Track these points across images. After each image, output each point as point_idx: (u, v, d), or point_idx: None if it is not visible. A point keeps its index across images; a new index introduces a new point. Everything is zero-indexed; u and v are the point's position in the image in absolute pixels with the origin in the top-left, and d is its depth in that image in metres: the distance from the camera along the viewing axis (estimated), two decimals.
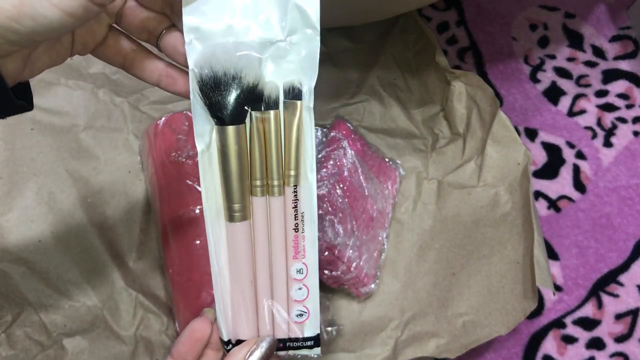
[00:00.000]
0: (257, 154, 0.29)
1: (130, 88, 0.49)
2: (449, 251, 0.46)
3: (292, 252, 0.30)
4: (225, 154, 0.29)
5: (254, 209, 0.30)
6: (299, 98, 0.29)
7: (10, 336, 0.40)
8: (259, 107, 0.29)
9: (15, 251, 0.43)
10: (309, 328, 0.31)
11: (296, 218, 0.30)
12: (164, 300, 0.45)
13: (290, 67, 0.29)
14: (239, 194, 0.29)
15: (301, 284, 0.31)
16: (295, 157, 0.29)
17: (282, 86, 0.29)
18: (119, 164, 0.47)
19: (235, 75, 0.28)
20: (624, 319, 0.48)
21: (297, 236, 0.30)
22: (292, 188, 0.30)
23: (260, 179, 0.29)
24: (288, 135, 0.29)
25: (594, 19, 0.58)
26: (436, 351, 0.42)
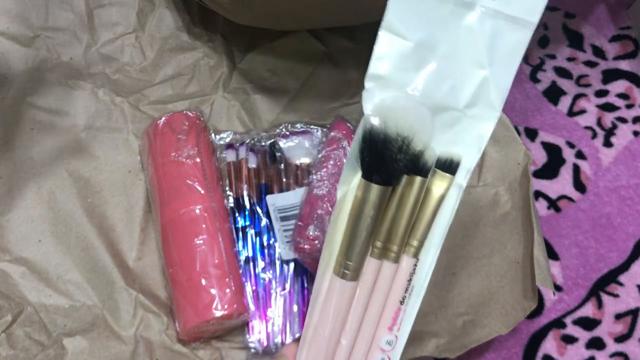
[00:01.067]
0: (389, 217, 0.27)
1: (130, 88, 0.50)
2: (449, 251, 0.46)
3: (390, 322, 0.29)
4: (360, 211, 0.27)
5: (367, 269, 0.28)
6: (452, 172, 0.27)
7: (10, 336, 0.40)
8: (410, 171, 0.27)
9: (15, 251, 0.43)
10: None
11: (406, 291, 0.28)
12: (164, 300, 0.45)
13: (454, 138, 0.27)
14: (359, 254, 0.27)
15: (385, 355, 0.29)
16: (424, 230, 0.28)
17: (440, 154, 0.27)
18: (119, 164, 0.47)
19: (406, 139, 0.26)
20: (624, 318, 0.48)
21: (400, 308, 0.28)
22: (412, 259, 0.28)
23: (382, 241, 0.28)
24: (427, 206, 0.27)
25: (594, 18, 0.58)
26: (436, 351, 0.42)
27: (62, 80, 0.48)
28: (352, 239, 0.27)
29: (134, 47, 0.50)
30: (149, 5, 0.51)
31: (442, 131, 0.27)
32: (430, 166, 0.27)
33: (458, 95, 0.27)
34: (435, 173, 0.27)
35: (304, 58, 0.52)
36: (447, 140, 0.27)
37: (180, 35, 0.51)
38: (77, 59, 0.48)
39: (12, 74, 0.47)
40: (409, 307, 0.28)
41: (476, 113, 0.27)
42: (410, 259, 0.28)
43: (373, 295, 0.28)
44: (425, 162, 0.27)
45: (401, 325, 0.29)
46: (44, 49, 0.48)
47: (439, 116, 0.27)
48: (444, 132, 0.27)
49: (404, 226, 0.28)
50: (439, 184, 0.27)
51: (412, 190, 0.27)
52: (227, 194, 0.47)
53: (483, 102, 0.27)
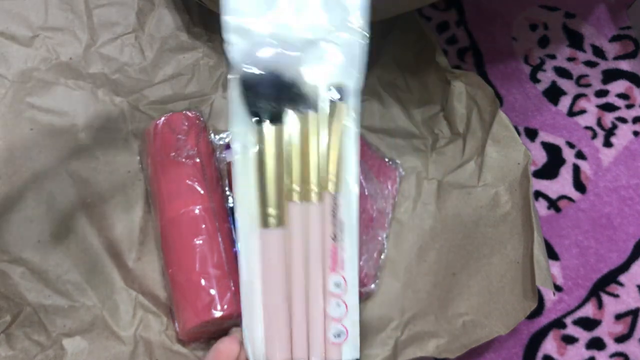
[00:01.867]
0: (296, 157, 0.27)
1: (130, 88, 0.49)
2: (449, 251, 0.46)
3: (330, 262, 0.28)
4: (262, 157, 0.27)
5: (291, 215, 0.28)
6: (342, 100, 0.28)
7: (10, 336, 0.40)
8: (300, 107, 0.27)
9: (14, 251, 0.43)
10: (347, 350, 0.28)
11: (334, 226, 0.28)
12: (164, 300, 0.45)
13: (333, 68, 0.28)
14: (275, 198, 0.27)
15: (339, 300, 0.28)
16: (337, 162, 0.28)
17: (326, 87, 0.28)
18: (119, 164, 0.47)
19: (278, 74, 0.27)
20: (624, 319, 0.48)
21: (334, 246, 0.28)
22: (332, 195, 0.28)
23: (298, 184, 0.28)
24: (329, 139, 0.28)
25: (594, 18, 0.58)
26: (436, 351, 0.42)
27: (61, 80, 0.48)
28: (263, 186, 0.27)
29: (133, 47, 0.50)
30: (149, 5, 0.51)
31: (319, 64, 0.27)
32: (318, 98, 0.27)
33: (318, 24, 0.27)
34: (327, 105, 0.28)
35: None
36: (328, 71, 0.27)
37: (180, 35, 0.51)
38: (76, 59, 0.48)
39: (12, 74, 0.47)
40: (346, 244, 0.28)
41: (344, 38, 0.27)
42: (329, 194, 0.28)
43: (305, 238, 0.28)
44: (311, 96, 0.27)
45: (344, 264, 0.28)
46: (44, 48, 0.48)
47: (308, 50, 0.27)
48: (321, 64, 0.27)
49: (315, 163, 0.28)
50: (334, 115, 0.27)
51: (311, 126, 0.27)
52: (227, 194, 0.47)
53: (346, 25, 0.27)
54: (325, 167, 0.28)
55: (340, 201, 0.28)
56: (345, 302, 0.28)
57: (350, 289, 0.28)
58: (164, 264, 0.44)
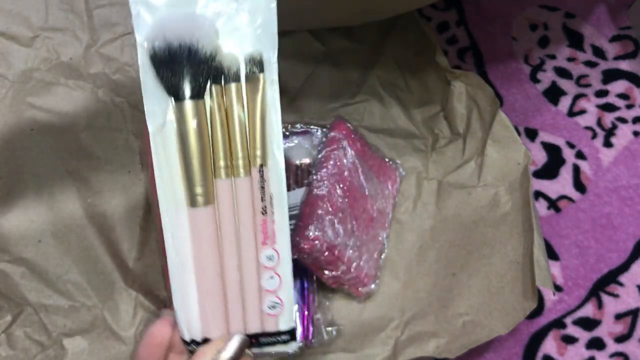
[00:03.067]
0: (219, 132, 0.27)
1: (130, 88, 0.49)
2: (449, 251, 0.46)
3: (261, 237, 0.28)
4: (183, 133, 0.27)
5: (218, 192, 0.27)
6: (260, 70, 0.27)
7: (10, 336, 0.40)
8: (219, 81, 0.27)
9: (15, 251, 0.43)
10: (283, 321, 0.29)
11: (263, 200, 0.28)
12: (164, 300, 0.45)
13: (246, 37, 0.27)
14: (201, 176, 0.27)
15: (272, 272, 0.28)
16: (261, 135, 0.27)
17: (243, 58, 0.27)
18: (119, 164, 0.47)
19: (192, 46, 0.26)
20: (624, 319, 0.48)
21: (265, 220, 0.28)
22: (259, 168, 0.27)
23: (223, 159, 0.27)
24: (252, 111, 0.27)
25: (594, 19, 0.58)
26: (436, 351, 0.42)
27: (62, 80, 0.48)
28: (187, 164, 0.27)
29: (133, 47, 0.50)
30: None
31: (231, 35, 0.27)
32: (236, 71, 0.27)
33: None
34: (248, 77, 0.27)
35: (304, 58, 0.52)
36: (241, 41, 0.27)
37: None
38: (77, 59, 0.48)
39: (12, 74, 0.47)
40: (277, 217, 0.28)
41: (252, 5, 0.27)
42: (255, 169, 0.27)
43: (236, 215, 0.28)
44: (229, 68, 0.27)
45: (276, 237, 0.28)
46: (44, 49, 0.48)
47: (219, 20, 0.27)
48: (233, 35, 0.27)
49: (239, 137, 0.27)
50: (255, 86, 0.27)
51: (231, 99, 0.27)
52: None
53: None
54: (251, 141, 0.27)
55: (268, 174, 0.28)
56: (279, 274, 0.28)
57: (283, 260, 0.28)
58: (164, 264, 0.44)
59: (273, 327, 0.29)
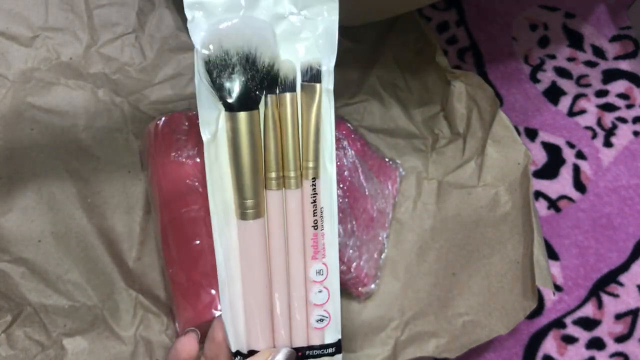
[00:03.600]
0: (272, 143, 0.26)
1: (130, 88, 0.49)
2: (449, 251, 0.46)
3: (311, 251, 0.27)
4: (236, 144, 0.25)
5: (269, 204, 0.27)
6: (317, 80, 0.26)
7: (10, 336, 0.40)
8: (274, 90, 0.26)
9: (15, 251, 0.43)
10: (329, 334, 0.28)
11: (315, 214, 0.27)
12: (164, 300, 0.45)
13: (305, 45, 0.26)
14: (252, 189, 0.26)
15: (321, 287, 0.28)
16: (314, 147, 0.26)
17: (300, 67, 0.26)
18: (119, 164, 0.47)
19: (250, 55, 0.25)
20: (624, 319, 0.48)
21: (316, 234, 0.27)
22: (311, 181, 0.26)
23: (275, 171, 0.26)
24: (306, 122, 0.26)
25: (594, 19, 0.58)
26: (436, 351, 0.42)
27: (62, 80, 0.48)
28: (239, 176, 0.26)
29: (133, 47, 0.50)
30: (149, 5, 0.51)
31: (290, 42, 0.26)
32: (293, 79, 0.26)
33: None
34: (303, 86, 0.26)
35: None
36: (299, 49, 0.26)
37: (180, 35, 0.51)
38: (76, 59, 0.48)
39: (12, 73, 0.47)
40: (327, 230, 0.27)
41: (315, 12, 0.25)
42: (307, 181, 0.27)
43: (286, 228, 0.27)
44: (285, 76, 0.26)
45: (325, 252, 0.27)
46: (44, 48, 0.48)
47: (279, 26, 0.25)
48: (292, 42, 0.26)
49: (292, 148, 0.26)
50: (310, 96, 0.26)
51: (285, 109, 0.26)
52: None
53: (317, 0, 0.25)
54: (304, 152, 0.26)
55: (320, 187, 0.27)
56: (327, 288, 0.28)
57: (332, 274, 0.28)
58: (164, 264, 0.44)
59: (319, 340, 0.28)
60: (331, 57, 0.26)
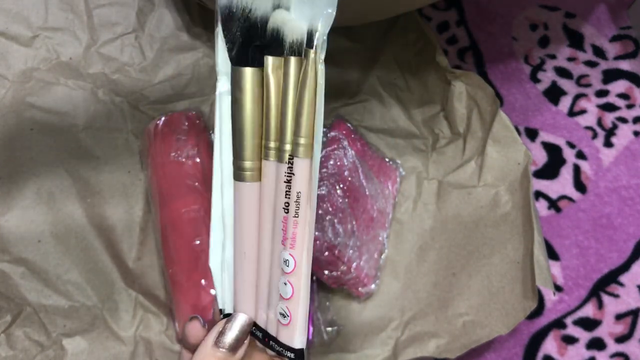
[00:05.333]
0: (274, 110, 0.24)
1: (130, 88, 0.49)
2: (449, 251, 0.46)
3: (281, 235, 0.25)
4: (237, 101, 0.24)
5: (265, 173, 0.25)
6: (315, 47, 0.23)
7: (10, 336, 0.40)
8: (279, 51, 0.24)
9: (14, 251, 0.43)
10: (295, 337, 0.26)
11: (287, 196, 0.24)
12: (164, 300, 0.45)
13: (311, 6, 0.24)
14: (251, 150, 0.25)
15: (286, 279, 0.25)
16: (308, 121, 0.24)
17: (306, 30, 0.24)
18: (119, 164, 0.47)
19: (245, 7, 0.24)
20: (624, 319, 0.48)
21: (286, 218, 0.25)
22: (287, 159, 0.24)
23: (274, 141, 0.25)
24: (307, 94, 0.24)
25: (594, 18, 0.57)
26: (436, 351, 0.42)
27: (61, 80, 0.48)
28: (238, 135, 0.25)
29: (133, 47, 0.50)
30: (149, 5, 0.51)
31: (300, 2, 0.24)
32: (300, 42, 0.24)
33: None
34: (306, 52, 0.24)
35: None
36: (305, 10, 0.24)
37: (180, 35, 0.51)
38: (76, 59, 0.48)
39: (12, 73, 0.47)
40: (300, 219, 0.24)
41: None
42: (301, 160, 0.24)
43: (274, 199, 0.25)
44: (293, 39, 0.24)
45: (295, 242, 0.24)
46: (44, 48, 0.48)
47: None
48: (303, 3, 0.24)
49: (291, 121, 0.24)
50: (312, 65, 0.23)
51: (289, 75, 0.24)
52: None
53: None
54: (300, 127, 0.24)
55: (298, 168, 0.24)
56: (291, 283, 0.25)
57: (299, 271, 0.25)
58: (164, 264, 0.44)
59: (285, 338, 0.26)
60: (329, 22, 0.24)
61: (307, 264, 0.25)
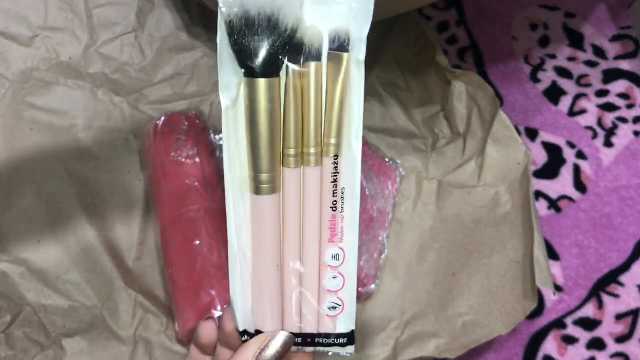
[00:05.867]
0: (293, 117, 0.24)
1: (130, 88, 0.49)
2: (449, 251, 0.46)
3: (328, 234, 0.26)
4: (254, 113, 0.24)
5: (286, 181, 0.25)
6: (345, 50, 0.24)
7: (9, 337, 0.40)
8: (298, 59, 0.24)
9: (14, 251, 0.43)
10: (342, 323, 0.27)
11: (335, 195, 0.25)
12: (164, 300, 0.45)
13: (338, 10, 0.24)
14: (269, 162, 0.24)
15: (336, 272, 0.26)
16: (338, 122, 0.24)
17: (330, 34, 0.24)
18: (119, 164, 0.47)
19: (272, 17, 0.23)
20: (624, 319, 0.48)
21: (334, 216, 0.25)
22: (332, 159, 0.25)
23: (294, 147, 0.25)
24: (331, 94, 0.24)
25: (594, 18, 0.57)
26: (436, 351, 0.42)
27: (61, 80, 0.48)
28: (255, 148, 0.24)
29: (133, 47, 0.50)
30: (149, 5, 0.51)
31: (321, 6, 0.24)
32: (319, 48, 0.24)
33: None
34: (330, 55, 0.24)
35: None
36: (331, 15, 0.24)
37: (179, 35, 0.51)
38: (76, 58, 0.48)
39: (12, 73, 0.47)
40: (347, 214, 0.25)
41: None
42: (328, 159, 0.25)
43: (303, 208, 0.26)
44: (309, 44, 0.24)
45: (344, 235, 0.26)
46: (43, 48, 0.48)
47: None
48: (324, 6, 0.24)
49: (314, 123, 0.24)
50: (337, 66, 0.24)
51: (310, 79, 0.24)
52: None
53: None
54: (326, 128, 0.25)
55: (343, 166, 0.25)
56: (343, 274, 0.27)
57: (349, 260, 0.26)
58: (164, 264, 0.44)
59: (331, 329, 0.27)
60: (364, 24, 0.24)
61: (355, 254, 0.26)
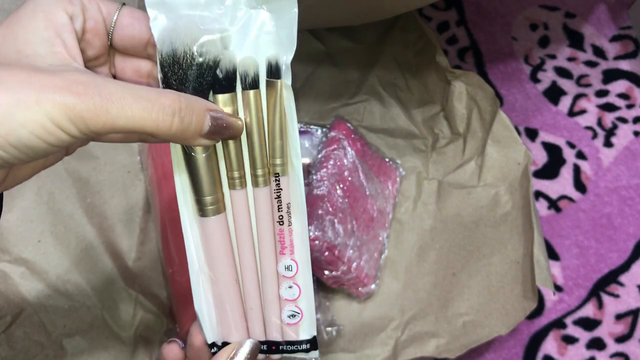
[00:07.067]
0: (232, 144, 0.26)
1: None
2: (449, 251, 0.46)
3: (279, 246, 0.28)
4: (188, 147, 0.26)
5: (234, 202, 0.27)
6: (279, 77, 0.26)
7: (10, 336, 0.40)
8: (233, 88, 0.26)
9: (15, 251, 0.43)
10: (304, 330, 0.29)
11: (280, 209, 0.27)
12: (164, 300, 0.45)
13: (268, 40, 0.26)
14: (209, 186, 0.26)
15: (291, 282, 0.28)
16: (280, 144, 0.26)
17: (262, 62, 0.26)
18: (119, 164, 0.47)
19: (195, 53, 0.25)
20: (624, 319, 0.48)
21: (282, 230, 0.28)
22: (274, 177, 0.27)
23: (237, 170, 0.27)
24: (271, 120, 0.26)
25: (594, 18, 0.57)
26: (436, 351, 0.42)
27: None
28: (194, 175, 0.26)
29: None
30: None
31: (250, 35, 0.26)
32: (255, 77, 0.26)
33: None
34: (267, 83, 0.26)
35: (304, 58, 0.52)
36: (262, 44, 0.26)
37: None
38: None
39: None
40: (295, 227, 0.27)
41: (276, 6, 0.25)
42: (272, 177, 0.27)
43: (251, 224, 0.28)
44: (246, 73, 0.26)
45: (294, 247, 0.28)
46: None
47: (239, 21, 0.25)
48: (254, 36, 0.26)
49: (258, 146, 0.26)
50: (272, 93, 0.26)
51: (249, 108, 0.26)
52: None
53: None
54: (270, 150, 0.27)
55: (286, 184, 0.27)
56: (298, 284, 0.28)
57: (302, 270, 0.28)
58: (164, 264, 0.44)
59: (293, 336, 0.29)
60: (290, 51, 0.26)
61: (308, 263, 0.28)
